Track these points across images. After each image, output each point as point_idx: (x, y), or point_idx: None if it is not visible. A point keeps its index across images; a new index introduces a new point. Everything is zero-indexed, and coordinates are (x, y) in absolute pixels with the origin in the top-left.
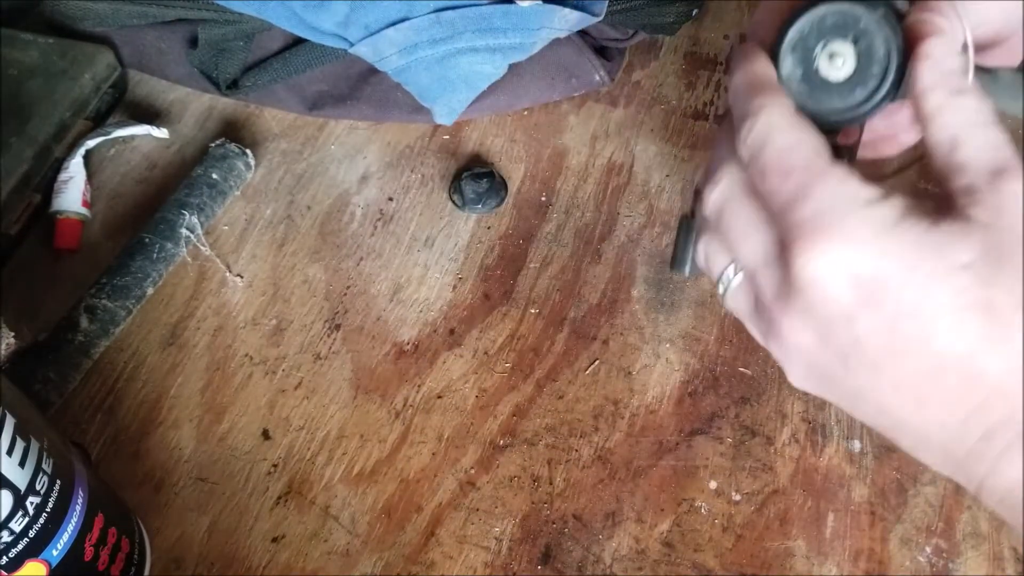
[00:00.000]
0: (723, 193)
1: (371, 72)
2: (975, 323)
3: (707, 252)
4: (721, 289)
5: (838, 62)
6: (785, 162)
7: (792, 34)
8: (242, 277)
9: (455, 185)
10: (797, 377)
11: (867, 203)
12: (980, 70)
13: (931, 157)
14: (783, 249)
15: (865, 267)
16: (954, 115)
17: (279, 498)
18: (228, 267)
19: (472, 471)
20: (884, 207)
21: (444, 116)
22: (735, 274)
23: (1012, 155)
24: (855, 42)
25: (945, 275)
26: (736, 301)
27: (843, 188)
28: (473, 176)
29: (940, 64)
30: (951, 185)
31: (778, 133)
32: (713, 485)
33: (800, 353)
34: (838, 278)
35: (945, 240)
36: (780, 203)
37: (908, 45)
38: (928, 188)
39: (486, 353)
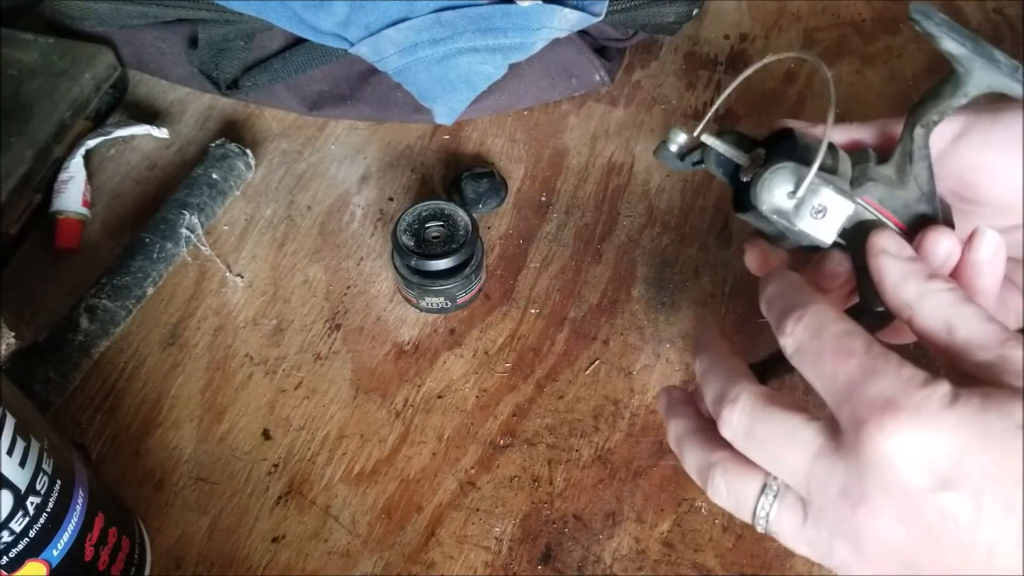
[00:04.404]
0: (747, 409)
1: (371, 72)
2: None
3: (729, 483)
4: (761, 512)
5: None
6: (845, 345)
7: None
8: (242, 277)
9: (455, 185)
10: (873, 572)
11: (925, 383)
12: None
13: (927, 340)
14: (851, 431)
15: (938, 445)
16: (935, 301)
17: (279, 498)
18: (228, 267)
19: (472, 471)
20: (939, 387)
21: (444, 116)
22: (774, 492)
23: (1001, 324)
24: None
25: (1012, 438)
26: (782, 521)
27: (904, 369)
28: (473, 176)
29: (899, 255)
30: (966, 363)
31: (833, 321)
32: None
33: (879, 541)
34: (914, 455)
35: (998, 408)
36: (843, 382)
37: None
38: None
39: (486, 353)
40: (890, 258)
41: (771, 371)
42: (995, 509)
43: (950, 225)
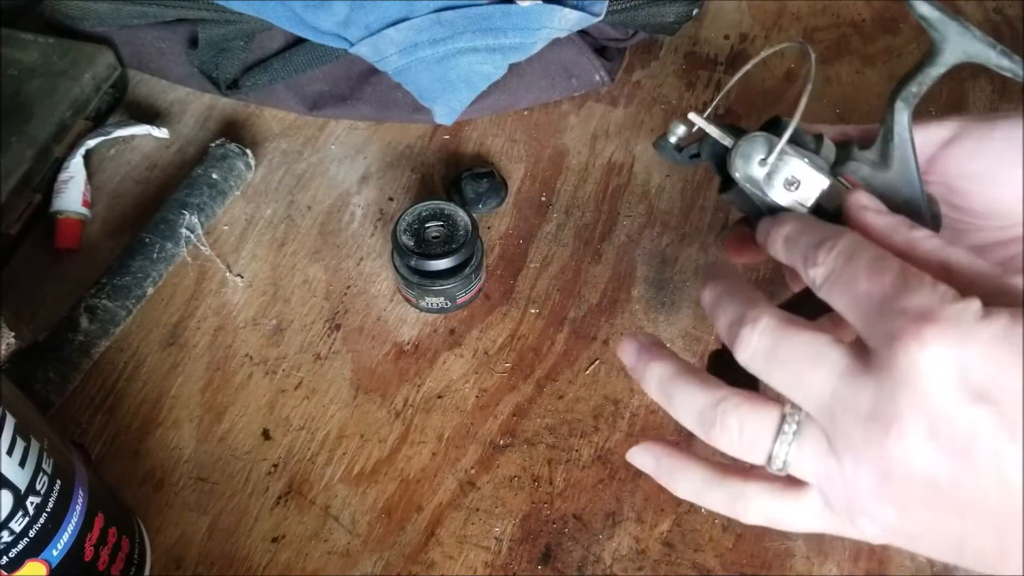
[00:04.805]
0: (768, 328)
1: (371, 72)
2: None
3: (742, 420)
4: (780, 448)
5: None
6: (879, 266)
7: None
8: (242, 277)
9: (455, 185)
10: (896, 505)
11: (958, 298)
12: None
13: None
14: (884, 346)
15: (972, 358)
16: (926, 246)
17: (279, 498)
18: (228, 267)
19: (472, 471)
20: (972, 302)
21: (444, 116)
22: (796, 422)
23: (990, 263)
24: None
25: None
26: (802, 454)
27: (939, 286)
28: (473, 176)
29: (880, 210)
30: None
31: (867, 247)
32: None
33: (908, 463)
34: (950, 368)
35: None
36: (877, 299)
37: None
38: None
39: (486, 353)
40: (872, 213)
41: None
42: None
43: (936, 217)
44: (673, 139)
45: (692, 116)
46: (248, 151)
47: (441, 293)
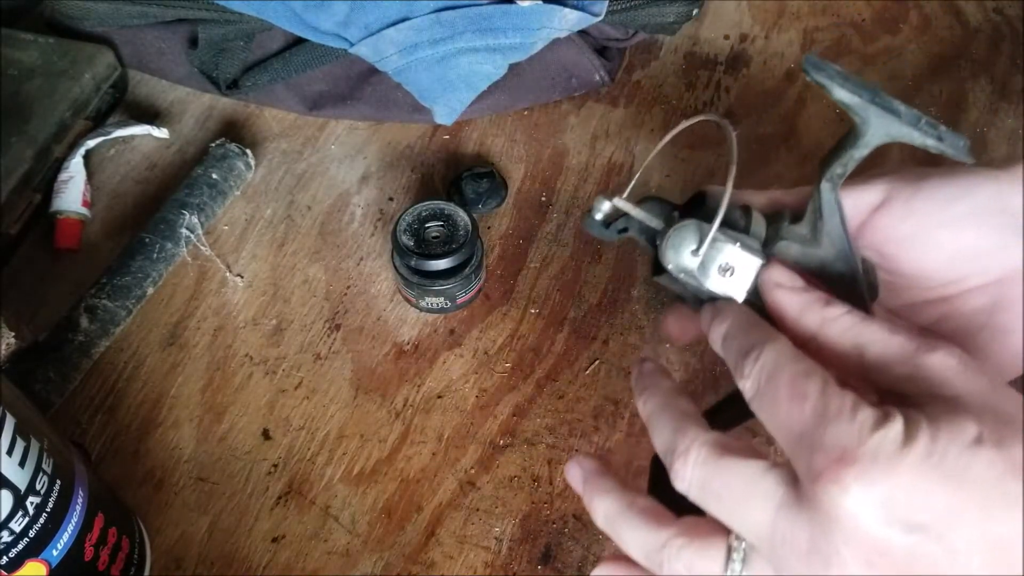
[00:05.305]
0: (699, 460)
1: (371, 72)
2: (1016, 485)
3: (689, 563)
4: None
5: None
6: (800, 388)
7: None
8: (242, 277)
9: (455, 185)
10: None
11: (877, 425)
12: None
13: (839, 366)
14: (809, 483)
15: (896, 492)
16: (838, 326)
17: (279, 498)
18: (228, 267)
19: (472, 471)
20: (891, 428)
21: (444, 116)
22: (741, 558)
23: (909, 330)
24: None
25: (966, 463)
26: None
27: (859, 413)
28: (473, 176)
29: (794, 286)
30: (886, 380)
31: (789, 361)
32: None
33: None
34: (875, 506)
35: (947, 431)
36: (797, 430)
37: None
38: None
39: (486, 353)
40: (786, 291)
41: (729, 414)
42: (962, 538)
43: (873, 286)
44: (599, 216)
45: (616, 200)
46: (248, 151)
47: (441, 293)
